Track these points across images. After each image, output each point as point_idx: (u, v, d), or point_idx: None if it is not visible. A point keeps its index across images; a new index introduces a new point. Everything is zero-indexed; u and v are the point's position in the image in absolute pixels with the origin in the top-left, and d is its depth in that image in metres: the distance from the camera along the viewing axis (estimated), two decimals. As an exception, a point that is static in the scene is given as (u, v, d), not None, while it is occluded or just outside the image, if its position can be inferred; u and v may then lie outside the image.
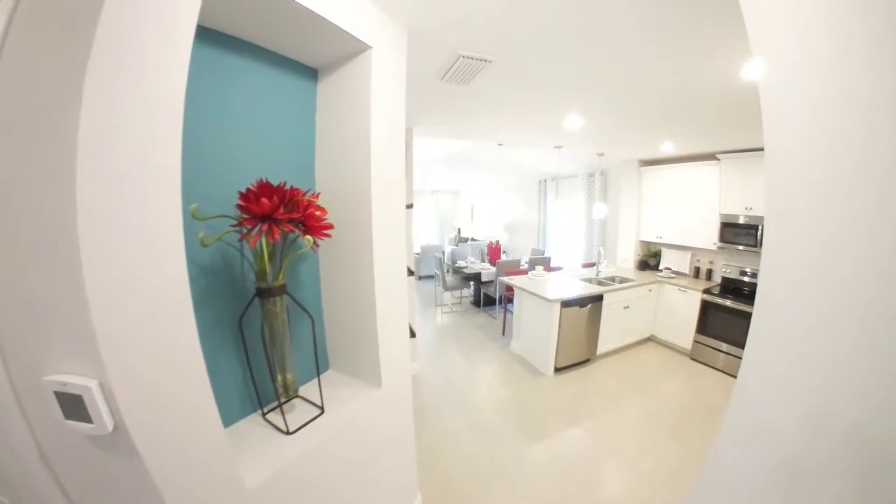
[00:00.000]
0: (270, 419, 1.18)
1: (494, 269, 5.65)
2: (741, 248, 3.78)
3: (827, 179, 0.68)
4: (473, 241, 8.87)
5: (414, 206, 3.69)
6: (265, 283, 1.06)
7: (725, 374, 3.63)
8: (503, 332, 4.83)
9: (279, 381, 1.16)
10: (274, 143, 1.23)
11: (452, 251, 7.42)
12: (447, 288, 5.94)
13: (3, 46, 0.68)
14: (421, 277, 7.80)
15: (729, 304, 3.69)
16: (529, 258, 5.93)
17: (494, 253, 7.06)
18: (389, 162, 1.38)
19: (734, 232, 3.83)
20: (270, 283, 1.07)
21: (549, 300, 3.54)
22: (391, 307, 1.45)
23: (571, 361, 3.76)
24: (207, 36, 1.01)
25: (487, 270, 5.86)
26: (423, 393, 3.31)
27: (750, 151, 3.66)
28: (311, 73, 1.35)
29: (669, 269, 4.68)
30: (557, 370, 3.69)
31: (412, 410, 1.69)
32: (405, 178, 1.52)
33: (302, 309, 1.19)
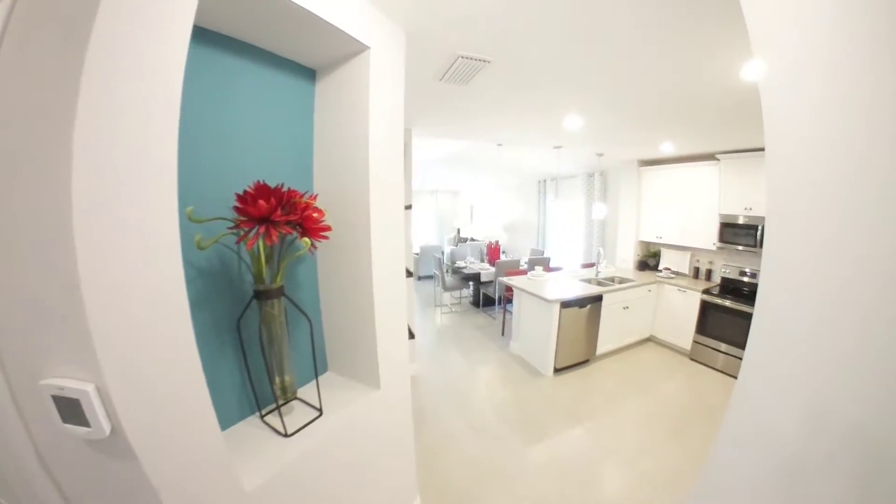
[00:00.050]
0: (269, 421, 1.18)
1: (494, 269, 5.65)
2: (741, 248, 3.78)
3: (828, 180, 0.68)
4: (473, 241, 8.86)
5: (413, 206, 3.68)
6: (263, 285, 1.06)
7: (725, 374, 3.63)
8: (502, 332, 4.83)
9: (277, 383, 1.16)
10: (272, 144, 1.23)
11: (452, 251, 7.42)
12: (446, 288, 5.94)
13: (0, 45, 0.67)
14: (420, 278, 7.80)
15: (728, 304, 3.68)
16: (529, 258, 5.93)
17: (494, 253, 7.06)
18: (388, 163, 1.37)
19: (734, 232, 3.83)
20: (268, 285, 1.06)
21: (548, 300, 3.54)
22: (390, 308, 1.44)
23: (571, 362, 3.76)
24: (204, 36, 1.00)
25: (487, 271, 5.85)
26: (422, 394, 3.31)
27: (750, 151, 3.66)
28: (309, 73, 1.35)
29: (669, 269, 4.68)
30: (557, 371, 3.69)
31: (411, 412, 1.68)
32: (404, 178, 1.52)
33: (300, 311, 1.19)
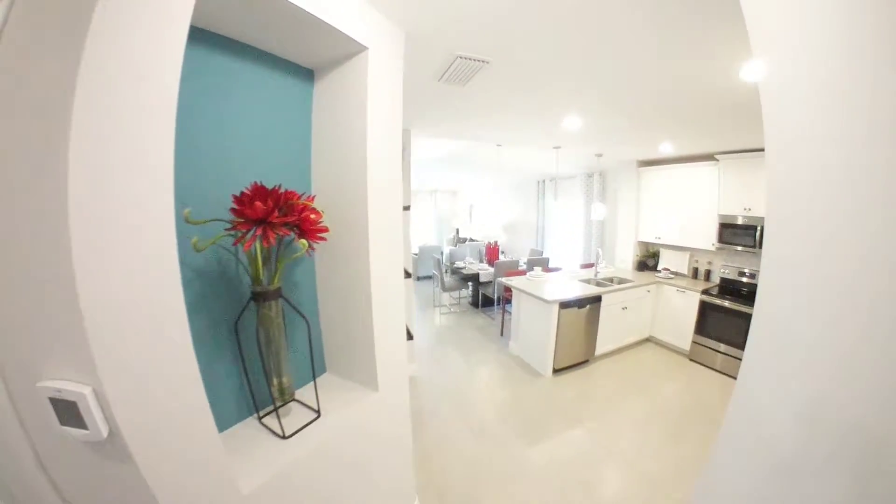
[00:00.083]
0: (267, 423, 1.17)
1: (493, 269, 5.65)
2: (740, 248, 3.78)
3: (828, 180, 0.68)
4: (472, 241, 8.86)
5: (412, 206, 3.68)
6: (260, 286, 1.05)
7: (724, 374, 3.64)
8: (501, 332, 4.83)
9: (275, 384, 1.15)
10: (270, 144, 1.22)
11: (451, 252, 7.42)
12: (446, 289, 5.93)
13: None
14: (419, 278, 7.79)
15: (727, 304, 3.69)
16: (528, 259, 5.94)
17: (493, 253, 7.06)
18: (386, 164, 1.37)
19: (733, 232, 3.83)
20: (265, 286, 1.06)
21: (547, 301, 3.54)
22: (388, 310, 1.44)
23: (570, 363, 3.76)
24: (202, 37, 1.00)
25: (486, 271, 5.85)
26: (421, 395, 3.30)
27: (749, 152, 3.66)
28: (307, 73, 1.34)
29: (668, 269, 4.68)
30: (556, 371, 3.69)
31: (409, 413, 1.68)
32: (402, 179, 1.51)
33: (297, 312, 1.19)
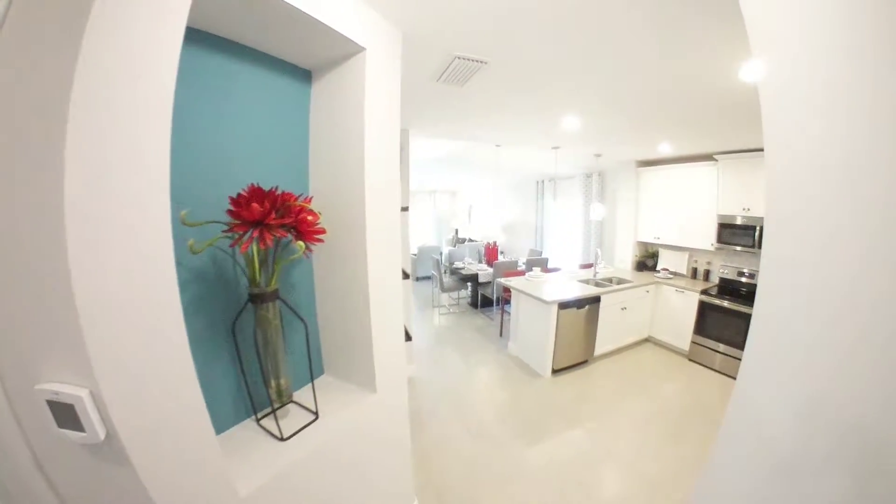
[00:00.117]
0: (264, 425, 1.17)
1: (492, 270, 5.64)
2: (739, 248, 3.78)
3: (827, 180, 0.68)
4: (471, 241, 8.86)
5: (411, 206, 3.67)
6: (257, 288, 1.05)
7: (723, 374, 3.64)
8: (500, 333, 4.82)
9: (273, 386, 1.15)
10: (267, 145, 1.22)
11: (450, 252, 7.42)
12: (445, 289, 5.93)
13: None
14: (418, 279, 7.79)
15: (726, 304, 3.69)
16: (527, 259, 5.93)
17: (492, 254, 7.06)
18: (384, 164, 1.37)
19: (732, 232, 3.83)
20: (263, 288, 1.06)
21: (546, 302, 3.53)
22: (386, 311, 1.44)
23: (569, 363, 3.76)
24: (199, 38, 0.99)
25: (485, 271, 5.84)
26: (419, 396, 3.30)
27: (748, 152, 3.67)
28: (304, 74, 1.34)
29: (667, 269, 4.68)
30: (555, 372, 3.68)
31: (408, 415, 1.68)
32: (401, 180, 1.51)
33: (295, 314, 1.18)
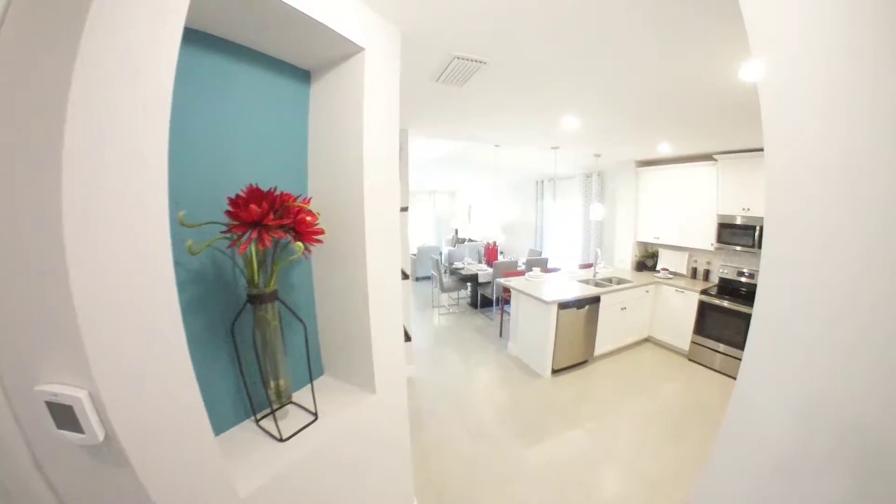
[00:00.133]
0: (264, 426, 1.17)
1: (491, 270, 5.64)
2: (738, 248, 3.78)
3: (827, 180, 0.68)
4: (471, 241, 8.86)
5: (411, 207, 3.67)
6: (256, 289, 1.05)
7: (723, 374, 3.64)
8: (500, 333, 4.82)
9: (272, 387, 1.15)
10: (266, 146, 1.22)
11: (450, 252, 7.42)
12: (444, 289, 5.93)
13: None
14: (418, 279, 7.79)
15: (726, 304, 3.69)
16: (526, 259, 5.92)
17: (491, 254, 7.06)
18: (383, 164, 1.37)
19: (731, 232, 3.83)
20: (261, 289, 1.06)
21: (545, 302, 3.53)
22: (385, 311, 1.44)
23: (569, 363, 3.76)
24: (198, 38, 0.99)
25: (484, 272, 5.84)
26: (419, 396, 3.30)
27: (748, 152, 3.67)
28: (303, 74, 1.34)
29: (667, 269, 4.68)
30: (555, 372, 3.68)
31: (407, 415, 1.67)
32: (400, 180, 1.51)
33: (294, 315, 1.18)
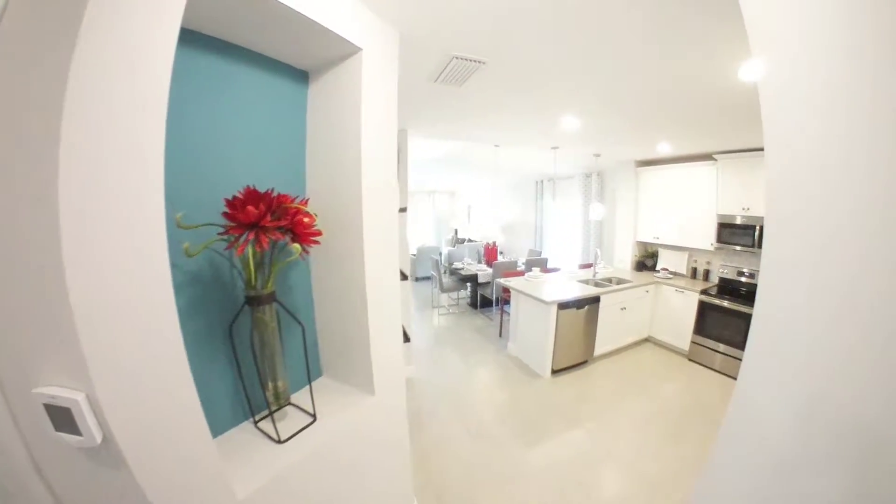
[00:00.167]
0: (262, 427, 1.16)
1: (491, 270, 5.64)
2: (738, 248, 3.78)
3: (828, 180, 0.67)
4: (470, 242, 8.86)
5: (410, 206, 3.67)
6: (254, 290, 1.04)
7: (723, 374, 3.64)
8: (500, 333, 4.82)
9: (270, 388, 1.14)
10: (264, 147, 1.21)
11: (449, 252, 7.42)
12: (444, 289, 5.93)
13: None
14: (418, 279, 7.79)
15: (726, 304, 3.69)
16: (526, 259, 5.93)
17: (491, 254, 7.06)
18: (381, 165, 1.36)
19: (731, 232, 3.83)
20: (259, 290, 1.05)
21: (545, 302, 3.53)
22: (383, 312, 1.43)
23: (569, 363, 3.76)
24: (194, 39, 0.99)
25: (484, 272, 5.84)
26: (419, 396, 3.30)
27: (747, 151, 3.66)
28: (301, 75, 1.34)
29: (666, 269, 4.68)
30: (555, 372, 3.68)
31: (407, 416, 1.67)
32: (399, 181, 1.50)
33: (292, 317, 1.18)
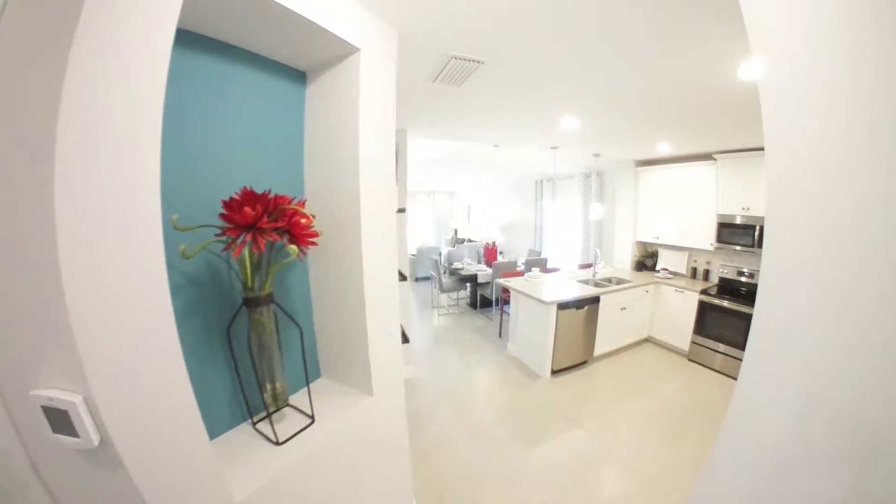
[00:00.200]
0: (260, 429, 1.16)
1: (491, 270, 5.64)
2: (738, 248, 3.78)
3: (828, 180, 0.67)
4: (470, 242, 8.86)
5: (410, 207, 3.67)
6: (251, 292, 1.04)
7: (723, 374, 3.63)
8: (500, 334, 4.82)
9: (268, 390, 1.14)
10: (261, 148, 1.21)
11: (449, 252, 7.42)
12: (444, 290, 5.93)
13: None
14: (418, 279, 7.79)
15: (726, 304, 3.68)
16: (526, 259, 5.92)
17: (491, 254, 7.05)
18: (379, 165, 1.36)
19: (731, 232, 3.83)
20: (256, 292, 1.05)
21: (545, 302, 3.53)
22: (382, 313, 1.43)
23: (568, 364, 3.76)
24: (191, 39, 0.98)
25: (484, 272, 5.83)
26: (418, 397, 3.29)
27: (747, 151, 3.66)
28: (299, 75, 1.33)
29: (666, 269, 4.68)
30: (554, 372, 3.68)
31: (406, 417, 1.67)
32: (398, 181, 1.50)
33: (289, 318, 1.17)
